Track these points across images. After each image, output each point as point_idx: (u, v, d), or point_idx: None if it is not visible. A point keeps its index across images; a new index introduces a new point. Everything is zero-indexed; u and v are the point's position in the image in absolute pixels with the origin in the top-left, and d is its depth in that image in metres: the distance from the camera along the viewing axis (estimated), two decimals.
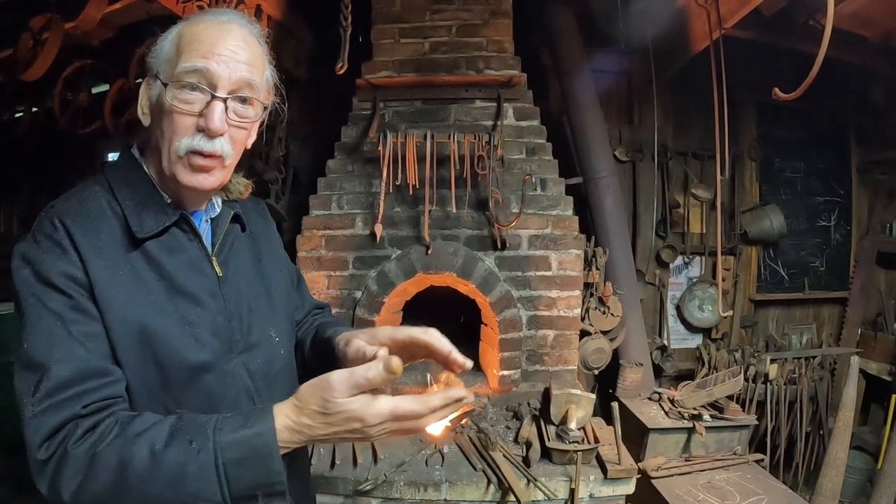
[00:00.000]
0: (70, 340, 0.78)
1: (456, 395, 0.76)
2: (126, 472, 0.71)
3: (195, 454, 0.71)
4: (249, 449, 0.72)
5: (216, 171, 0.88)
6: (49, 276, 0.79)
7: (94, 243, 0.82)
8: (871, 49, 2.94)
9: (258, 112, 0.90)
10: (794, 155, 3.76)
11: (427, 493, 2.03)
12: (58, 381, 0.75)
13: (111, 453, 0.72)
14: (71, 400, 0.75)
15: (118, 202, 0.87)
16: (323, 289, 2.56)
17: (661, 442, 2.53)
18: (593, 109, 3.09)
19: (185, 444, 0.72)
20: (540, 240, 2.54)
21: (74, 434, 0.74)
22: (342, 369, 0.74)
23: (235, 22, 0.88)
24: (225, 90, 0.84)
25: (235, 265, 0.98)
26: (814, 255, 3.81)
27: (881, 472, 2.61)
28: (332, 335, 1.04)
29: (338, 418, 0.73)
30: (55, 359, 0.76)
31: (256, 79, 0.88)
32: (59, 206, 0.85)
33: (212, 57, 0.83)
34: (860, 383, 3.39)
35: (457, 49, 2.68)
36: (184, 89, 0.83)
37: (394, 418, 0.73)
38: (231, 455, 0.71)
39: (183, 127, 0.84)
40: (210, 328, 0.89)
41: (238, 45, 0.86)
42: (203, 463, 0.70)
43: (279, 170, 3.02)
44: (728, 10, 2.62)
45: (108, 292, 0.81)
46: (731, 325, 3.71)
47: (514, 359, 2.55)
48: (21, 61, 2.41)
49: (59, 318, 0.78)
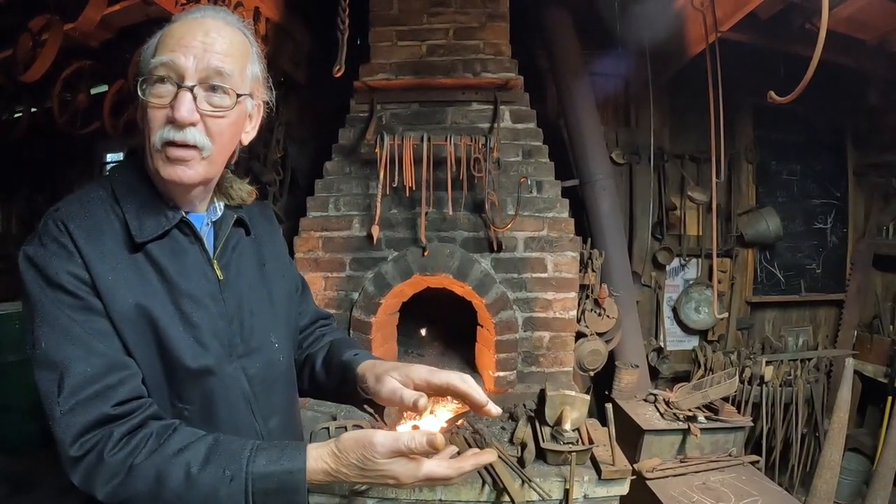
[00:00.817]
0: (87, 337, 0.80)
1: (486, 461, 0.84)
2: (163, 488, 0.75)
3: (228, 481, 0.75)
4: (279, 483, 0.76)
5: (194, 163, 0.87)
6: (58, 278, 0.80)
7: (97, 247, 0.83)
8: (867, 52, 2.95)
9: (233, 101, 0.88)
10: (790, 157, 3.77)
11: (422, 494, 2.04)
12: (82, 377, 0.77)
13: (150, 467, 0.75)
14: (98, 397, 0.78)
15: (120, 206, 0.88)
16: (320, 290, 2.57)
17: (656, 443, 2.54)
18: (590, 112, 3.10)
19: (219, 470, 0.76)
20: (536, 242, 2.55)
21: (110, 441, 0.76)
22: (386, 432, 0.78)
23: (210, 16, 0.89)
24: (192, 80, 0.84)
25: (237, 269, 0.99)
26: (810, 257, 3.82)
27: (876, 474, 2.62)
28: (350, 360, 1.05)
29: (374, 474, 0.78)
30: (75, 356, 0.78)
31: (229, 67, 0.87)
32: (64, 209, 0.86)
33: (179, 49, 0.84)
34: (856, 385, 3.40)
35: (454, 52, 2.69)
36: (155, 84, 0.85)
37: (426, 480, 0.79)
38: (261, 486, 0.75)
39: (156, 120, 0.85)
40: (211, 331, 0.90)
41: (209, 36, 0.86)
42: (234, 491, 0.75)
43: (277, 171, 3.04)
44: (724, 14, 2.63)
45: (112, 294, 0.82)
46: (727, 327, 3.71)
47: (510, 360, 2.56)
48: (20, 62, 2.42)
49: (71, 318, 0.80)
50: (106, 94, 3.09)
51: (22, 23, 2.41)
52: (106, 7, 2.41)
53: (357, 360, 1.04)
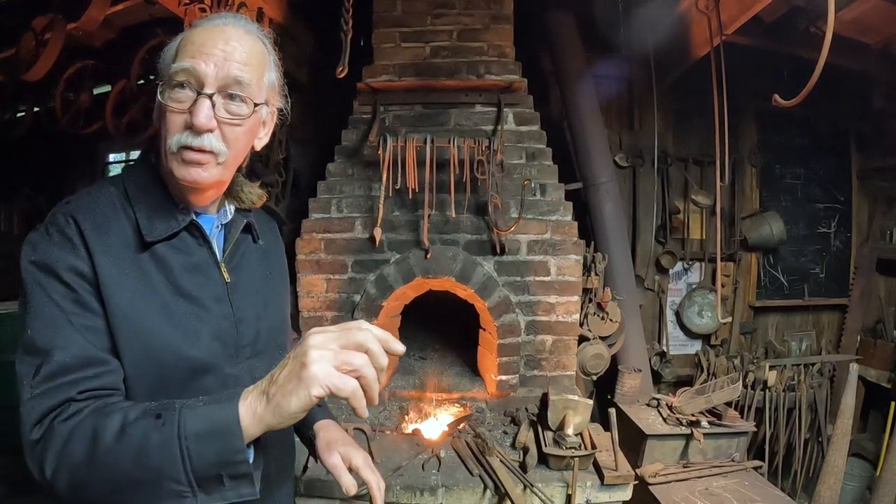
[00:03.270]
0: (71, 329, 0.80)
1: None
2: (97, 445, 0.71)
3: (159, 426, 0.70)
4: (211, 423, 0.70)
5: (209, 166, 0.88)
6: (56, 267, 0.81)
7: (103, 241, 0.85)
8: (872, 56, 2.94)
9: (250, 110, 0.90)
10: (794, 161, 3.76)
11: (423, 498, 2.03)
12: (58, 365, 0.78)
13: (87, 426, 0.73)
14: (69, 385, 0.78)
15: (131, 205, 0.90)
16: (322, 292, 2.56)
17: (658, 448, 2.53)
18: (594, 115, 3.10)
19: (151, 418, 0.72)
20: (539, 245, 2.54)
21: (63, 413, 0.76)
22: None
23: (231, 24, 0.90)
24: (212, 87, 0.86)
25: (247, 273, 1.01)
26: (814, 261, 3.81)
27: (880, 480, 2.61)
28: (314, 412, 1.05)
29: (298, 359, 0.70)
30: (57, 345, 0.79)
31: (248, 76, 0.88)
32: (74, 202, 0.88)
33: (200, 56, 0.85)
34: (859, 390, 3.38)
35: (458, 53, 2.68)
36: (175, 88, 0.86)
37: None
38: (192, 428, 0.70)
39: (175, 124, 0.86)
40: (212, 332, 0.91)
41: (230, 44, 0.87)
42: (166, 436, 0.69)
43: (279, 173, 3.03)
44: (729, 17, 2.63)
45: (113, 288, 0.83)
46: (730, 332, 3.70)
47: (513, 364, 2.54)
48: (23, 61, 2.43)
49: (61, 308, 0.81)
50: (108, 94, 3.09)
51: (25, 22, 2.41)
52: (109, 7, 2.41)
53: (316, 414, 1.16)
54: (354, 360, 0.69)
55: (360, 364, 0.69)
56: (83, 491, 0.73)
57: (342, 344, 0.70)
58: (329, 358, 0.68)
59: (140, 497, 0.71)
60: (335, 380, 0.67)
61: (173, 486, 0.69)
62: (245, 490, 0.72)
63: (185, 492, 0.69)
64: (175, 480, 0.69)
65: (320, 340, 0.70)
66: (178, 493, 0.69)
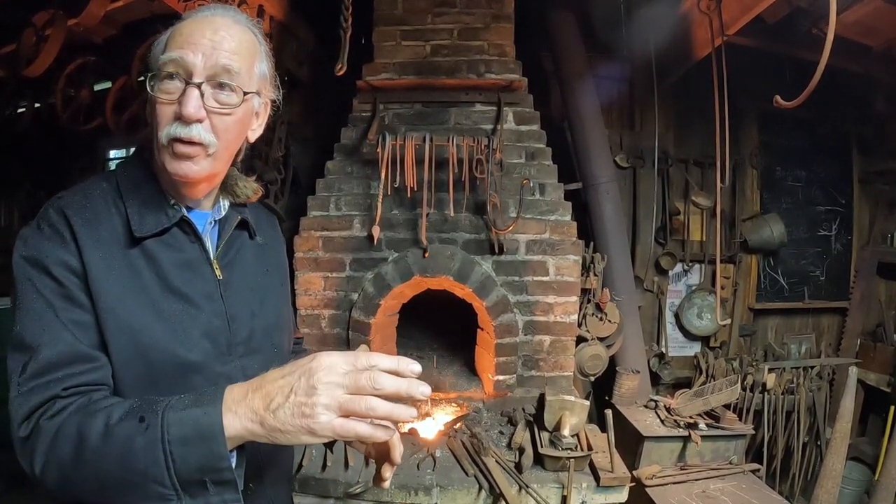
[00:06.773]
0: (59, 325, 0.80)
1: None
2: (83, 445, 0.71)
3: (143, 430, 0.70)
4: (195, 427, 0.69)
5: (199, 159, 0.87)
6: (45, 262, 0.81)
7: (93, 236, 0.84)
8: (874, 58, 2.93)
9: (240, 99, 0.89)
10: (795, 164, 3.75)
11: (418, 498, 2.02)
12: (45, 362, 0.77)
13: (72, 425, 0.73)
14: (55, 382, 0.77)
15: (123, 200, 0.89)
16: (319, 290, 2.56)
17: (656, 450, 2.52)
18: (594, 115, 3.09)
19: (135, 420, 0.71)
20: (538, 245, 2.53)
21: (49, 410, 0.76)
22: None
23: (220, 14, 0.90)
24: (200, 77, 0.85)
25: (241, 270, 1.00)
26: (814, 264, 3.80)
27: (878, 484, 2.60)
28: None
29: (299, 381, 0.68)
30: (44, 341, 0.78)
31: (237, 65, 0.88)
32: (66, 198, 0.88)
33: (188, 46, 0.85)
34: (858, 394, 3.37)
35: (458, 52, 2.68)
36: (164, 80, 0.85)
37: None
38: (177, 432, 0.69)
39: (165, 116, 0.86)
40: (203, 329, 0.90)
41: (218, 34, 0.87)
42: (150, 439, 0.69)
43: (279, 170, 3.02)
44: (730, 18, 2.62)
45: (102, 284, 0.83)
46: (729, 334, 3.69)
47: (510, 364, 2.54)
48: (24, 57, 2.42)
49: (49, 303, 0.80)
50: (109, 90, 3.08)
51: (26, 17, 2.41)
52: (110, 3, 2.41)
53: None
54: (366, 408, 0.68)
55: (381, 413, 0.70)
56: (72, 488, 0.74)
57: (352, 388, 0.68)
58: (336, 408, 0.67)
59: (129, 497, 0.71)
60: (342, 430, 0.68)
61: (159, 490, 0.69)
62: (229, 496, 0.71)
63: (170, 495, 0.69)
64: (160, 484, 0.69)
65: (327, 386, 0.67)
66: (163, 497, 0.69)
